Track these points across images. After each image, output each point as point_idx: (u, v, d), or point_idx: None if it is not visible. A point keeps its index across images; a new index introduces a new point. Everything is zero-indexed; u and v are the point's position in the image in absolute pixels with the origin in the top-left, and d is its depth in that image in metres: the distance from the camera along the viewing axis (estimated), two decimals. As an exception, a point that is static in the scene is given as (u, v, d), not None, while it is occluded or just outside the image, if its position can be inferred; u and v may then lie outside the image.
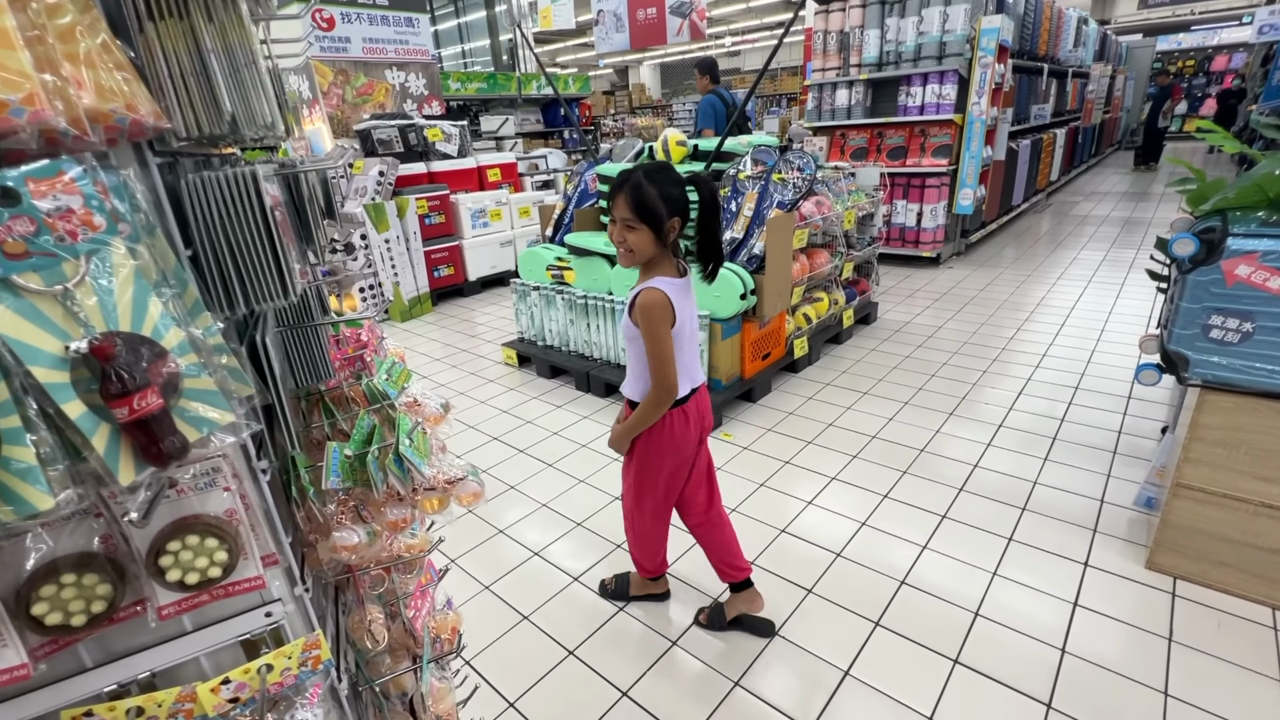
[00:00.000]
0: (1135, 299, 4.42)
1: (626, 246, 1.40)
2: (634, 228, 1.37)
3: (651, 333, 1.41)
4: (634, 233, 1.38)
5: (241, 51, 0.61)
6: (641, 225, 1.37)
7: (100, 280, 0.47)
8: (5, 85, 0.39)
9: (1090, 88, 9.71)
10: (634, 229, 1.37)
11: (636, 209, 1.35)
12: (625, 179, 1.37)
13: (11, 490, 0.44)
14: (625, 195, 1.36)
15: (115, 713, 0.66)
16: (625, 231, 1.38)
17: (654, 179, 1.36)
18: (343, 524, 0.78)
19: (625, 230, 1.38)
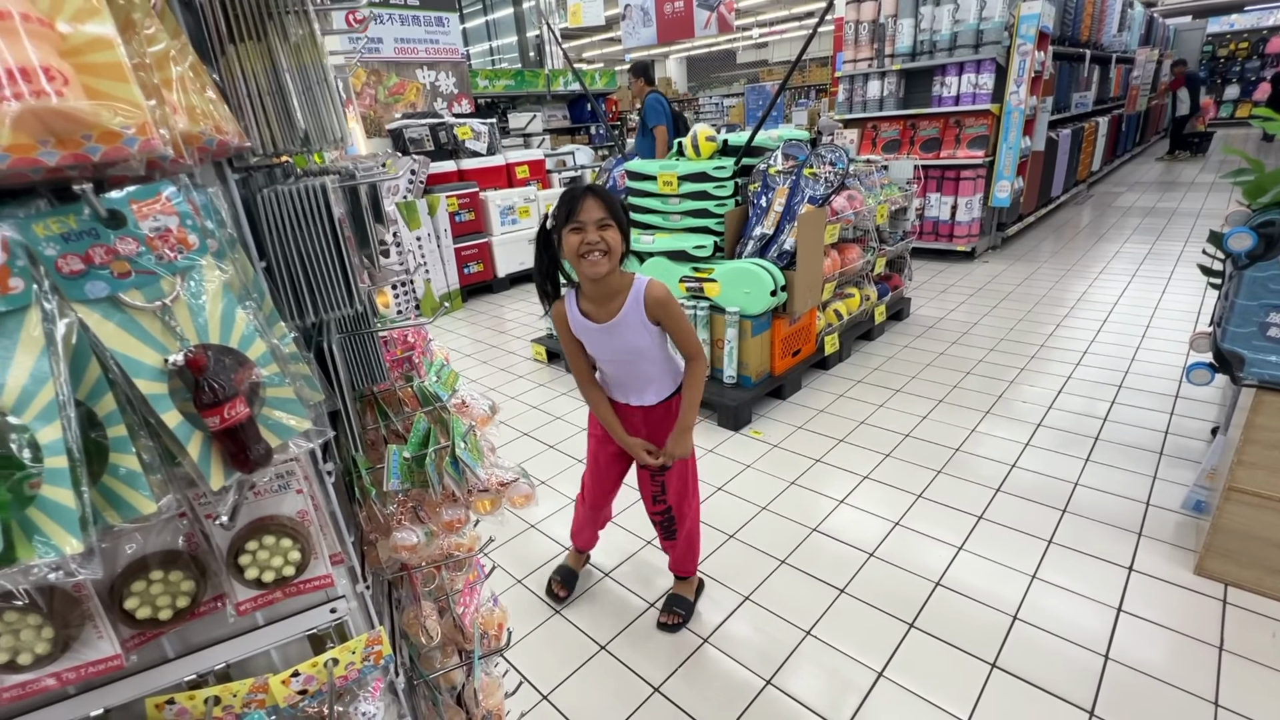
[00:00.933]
0: (1183, 294, 4.26)
1: (603, 248, 1.38)
2: (609, 225, 1.38)
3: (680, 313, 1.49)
4: (610, 230, 1.39)
5: (314, 69, 0.63)
6: (613, 222, 1.39)
7: (193, 295, 0.50)
8: (119, 115, 0.41)
9: (1135, 74, 9.35)
10: (609, 226, 1.38)
11: (608, 207, 1.38)
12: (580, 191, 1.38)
13: (118, 495, 0.47)
14: (592, 198, 1.37)
15: (195, 701, 0.70)
16: (602, 231, 1.38)
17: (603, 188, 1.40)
18: (402, 524, 0.81)
19: (602, 230, 1.38)
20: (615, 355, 1.56)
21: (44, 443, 0.43)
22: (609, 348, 1.54)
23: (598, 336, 1.52)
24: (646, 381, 1.61)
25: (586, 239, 1.38)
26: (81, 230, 0.45)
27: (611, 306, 1.49)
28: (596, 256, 1.38)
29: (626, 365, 1.59)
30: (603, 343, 1.54)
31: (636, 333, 1.50)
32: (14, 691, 0.57)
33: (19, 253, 0.43)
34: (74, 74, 0.40)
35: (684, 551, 1.86)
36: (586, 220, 1.37)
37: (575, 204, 1.38)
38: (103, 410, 0.47)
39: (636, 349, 1.53)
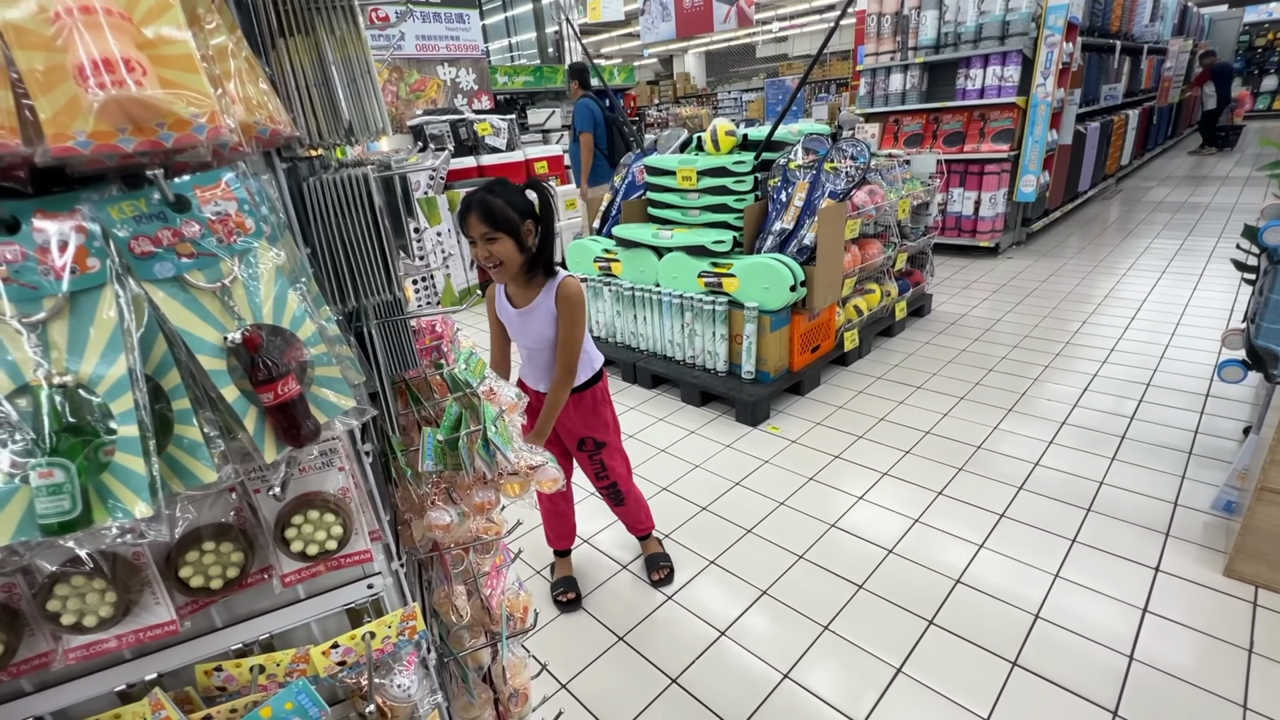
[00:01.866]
0: (1215, 291, 4.15)
1: (494, 260, 1.44)
2: (494, 238, 1.42)
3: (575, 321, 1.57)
4: (497, 242, 1.42)
5: (358, 62, 0.65)
6: (499, 234, 1.42)
7: (250, 277, 0.53)
8: (191, 104, 0.44)
9: (1167, 65, 9.10)
10: (494, 239, 1.42)
11: (490, 219, 1.40)
12: (469, 202, 1.42)
13: (181, 464, 0.50)
14: (473, 214, 1.40)
15: (241, 669, 0.73)
16: (489, 245, 1.42)
17: (495, 191, 1.42)
18: (436, 504, 0.84)
19: (489, 244, 1.42)
20: (527, 341, 1.65)
21: (117, 413, 0.46)
22: (523, 332, 1.64)
23: (514, 320, 1.63)
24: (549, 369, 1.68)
25: (479, 254, 1.45)
26: (151, 214, 0.48)
27: (529, 294, 1.59)
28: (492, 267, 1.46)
29: (537, 352, 1.67)
30: (517, 326, 1.64)
31: (545, 322, 1.58)
32: (79, 652, 0.61)
33: (96, 234, 0.46)
34: (150, 65, 0.43)
35: (635, 512, 2.03)
36: (473, 235, 1.43)
37: (463, 218, 1.42)
38: (168, 384, 0.50)
39: (545, 338, 1.61)
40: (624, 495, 1.97)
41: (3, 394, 0.44)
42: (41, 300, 0.45)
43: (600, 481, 1.94)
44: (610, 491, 1.96)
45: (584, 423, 1.81)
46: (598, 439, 1.85)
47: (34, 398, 0.44)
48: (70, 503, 0.44)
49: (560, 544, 2.07)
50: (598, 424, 1.83)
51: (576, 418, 1.80)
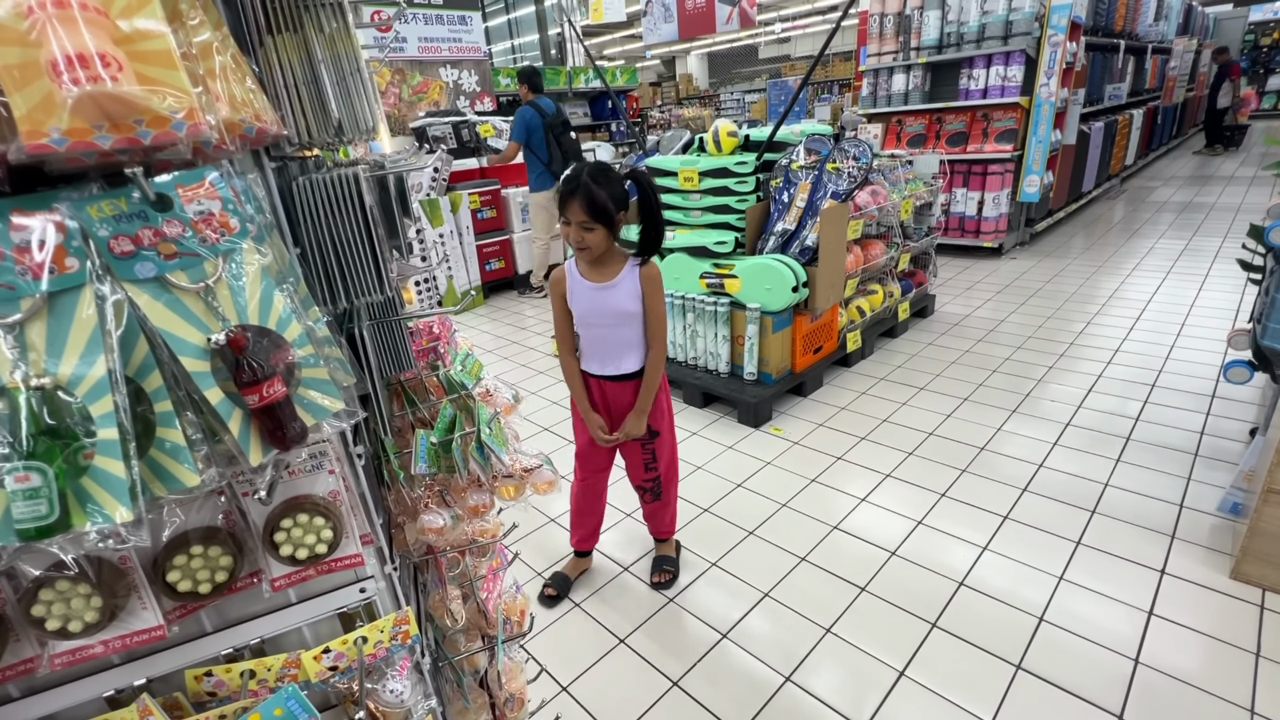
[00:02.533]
0: (1221, 291, 4.12)
1: (584, 246, 1.53)
2: (591, 228, 1.50)
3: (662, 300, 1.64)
4: (592, 232, 1.51)
5: (348, 60, 0.65)
6: (596, 225, 1.50)
7: (234, 277, 0.52)
8: (169, 101, 0.43)
9: (1172, 64, 9.05)
10: (591, 229, 1.50)
11: (592, 211, 1.47)
12: (575, 184, 1.47)
13: (163, 468, 0.49)
14: (578, 201, 1.47)
15: (231, 674, 0.72)
16: (584, 233, 1.50)
17: (599, 181, 1.47)
18: (429, 507, 0.83)
19: (584, 232, 1.50)
20: (603, 318, 1.66)
21: (96, 416, 0.45)
22: (595, 308, 1.64)
23: (587, 295, 1.64)
24: (627, 347, 1.70)
25: (570, 236, 1.53)
26: (131, 213, 0.47)
27: (607, 272, 1.62)
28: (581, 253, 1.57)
29: (611, 330, 1.68)
30: (595, 301, 1.64)
31: (628, 298, 1.63)
32: (65, 658, 0.60)
33: (75, 234, 0.45)
34: (127, 61, 0.42)
35: (666, 511, 2.01)
36: (572, 219, 1.51)
37: (565, 200, 1.50)
38: (150, 386, 0.49)
39: (624, 313, 1.64)
40: (663, 491, 1.95)
41: (-21, 396, 0.43)
42: (19, 301, 0.44)
43: (647, 473, 1.91)
44: (652, 485, 1.93)
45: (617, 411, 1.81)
46: (653, 427, 1.84)
47: (11, 400, 0.43)
48: (47, 507, 0.43)
49: (584, 545, 2.06)
50: (655, 411, 1.82)
51: (613, 404, 1.79)
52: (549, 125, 4.63)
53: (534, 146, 4.76)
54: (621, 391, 1.76)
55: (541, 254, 5.27)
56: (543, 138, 4.68)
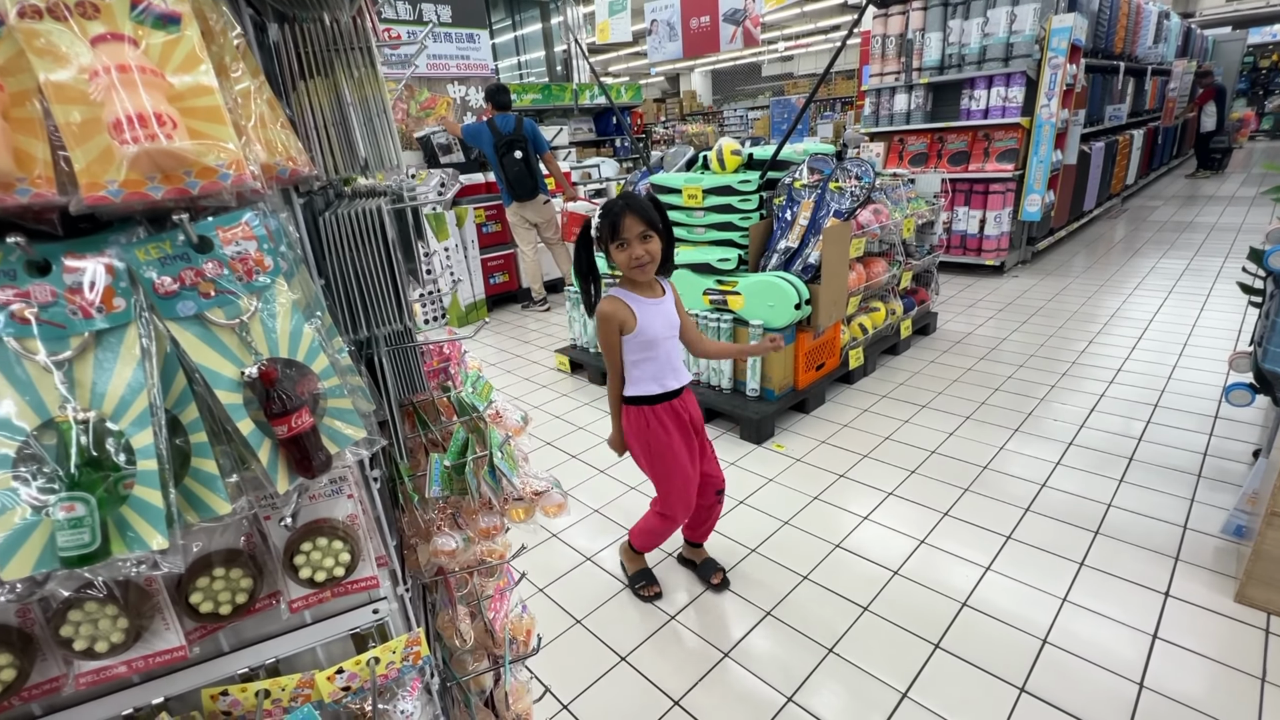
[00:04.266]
0: (1222, 312, 4.14)
1: (648, 258, 1.58)
2: (650, 237, 1.56)
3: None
4: (651, 240, 1.57)
5: (374, 101, 0.68)
6: (653, 232, 1.56)
7: (267, 313, 0.54)
8: (216, 154, 0.46)
9: (1171, 85, 9.14)
10: (650, 237, 1.57)
11: (646, 219, 1.54)
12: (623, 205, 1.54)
13: (197, 496, 0.51)
14: (630, 215, 1.53)
15: (247, 694, 0.74)
16: (645, 244, 1.56)
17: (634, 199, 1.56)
18: (441, 530, 0.85)
19: (644, 243, 1.56)
20: (668, 329, 1.71)
21: (138, 447, 0.48)
22: (664, 322, 1.69)
23: (655, 311, 1.68)
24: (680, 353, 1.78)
25: (634, 254, 1.56)
26: (175, 255, 0.50)
27: (655, 290, 1.71)
28: (644, 266, 1.59)
29: (675, 341, 1.75)
30: (658, 319, 1.68)
31: (674, 308, 1.72)
32: (89, 677, 0.62)
33: (122, 275, 0.47)
34: (180, 118, 0.45)
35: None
36: (630, 237, 1.55)
37: (618, 221, 1.55)
38: (186, 418, 0.51)
39: (677, 323, 1.73)
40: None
41: (30, 429, 0.46)
42: (69, 339, 0.47)
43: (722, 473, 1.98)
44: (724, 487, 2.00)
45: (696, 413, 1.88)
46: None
47: (59, 433, 0.46)
48: (90, 535, 0.45)
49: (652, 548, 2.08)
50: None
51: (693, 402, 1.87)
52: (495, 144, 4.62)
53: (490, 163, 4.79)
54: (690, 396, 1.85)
55: (532, 267, 5.30)
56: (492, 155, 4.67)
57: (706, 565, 2.09)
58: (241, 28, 0.56)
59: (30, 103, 0.43)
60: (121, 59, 0.43)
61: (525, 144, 4.67)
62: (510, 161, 4.65)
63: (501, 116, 4.71)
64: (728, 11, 6.03)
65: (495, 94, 4.80)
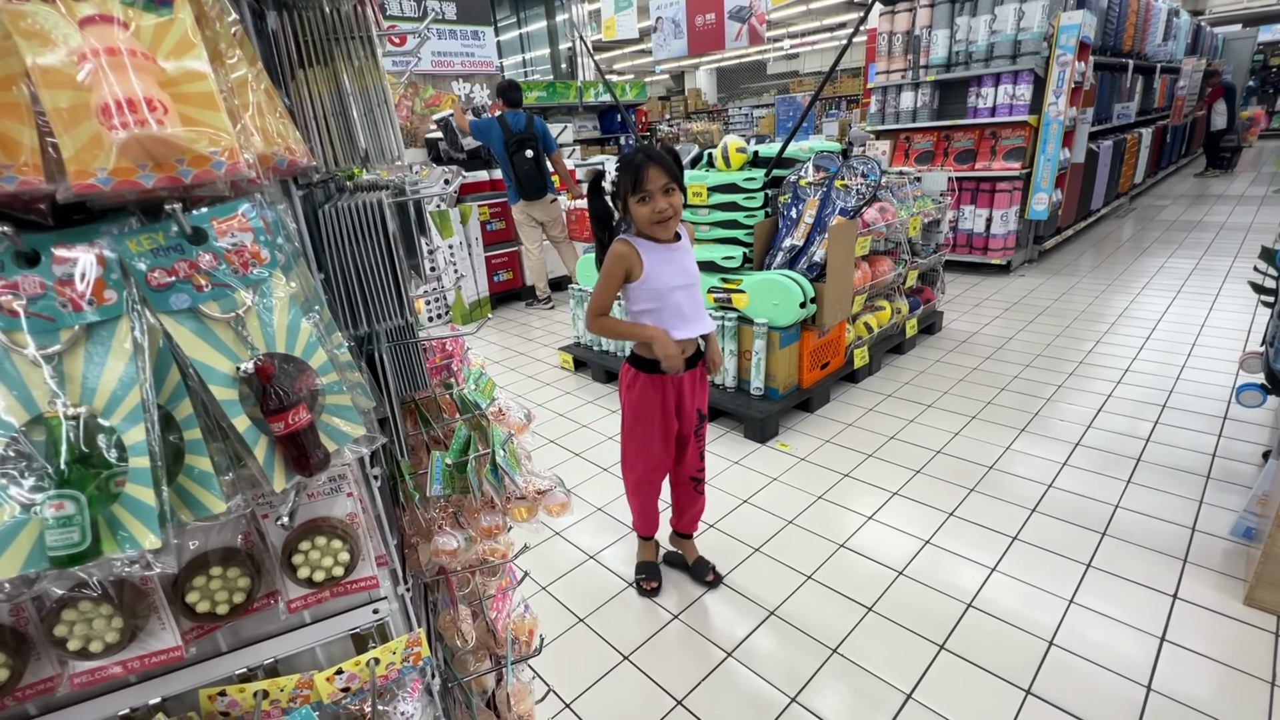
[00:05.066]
0: (1232, 311, 4.10)
1: (672, 210, 1.52)
2: (673, 190, 1.52)
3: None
4: (674, 194, 1.52)
5: (375, 92, 0.66)
6: (675, 186, 1.52)
7: (263, 307, 0.53)
8: (210, 141, 0.44)
9: (1181, 84, 9.07)
10: (673, 191, 1.52)
11: (669, 172, 1.49)
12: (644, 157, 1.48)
13: (191, 494, 0.50)
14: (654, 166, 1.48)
15: (245, 694, 0.73)
16: (668, 197, 1.51)
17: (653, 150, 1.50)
18: (443, 529, 0.83)
19: (668, 196, 1.51)
20: (683, 279, 1.65)
21: (129, 443, 0.46)
22: (679, 269, 1.63)
23: (667, 257, 1.62)
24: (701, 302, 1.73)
25: (656, 207, 1.50)
26: (169, 246, 0.48)
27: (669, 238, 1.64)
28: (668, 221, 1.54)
29: (691, 290, 1.68)
30: (673, 263, 1.63)
31: (691, 255, 1.67)
32: (84, 678, 0.61)
33: (114, 266, 0.46)
34: (172, 103, 0.44)
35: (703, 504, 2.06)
36: (653, 189, 1.49)
37: (640, 173, 1.48)
38: (180, 414, 0.50)
39: (695, 271, 1.67)
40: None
41: (18, 425, 0.44)
42: (58, 332, 0.46)
43: (701, 461, 1.95)
44: (702, 474, 1.98)
45: (701, 390, 1.85)
46: (702, 411, 1.88)
47: (48, 429, 0.44)
48: (80, 535, 0.44)
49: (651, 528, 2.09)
50: (706, 393, 1.87)
51: (700, 388, 1.83)
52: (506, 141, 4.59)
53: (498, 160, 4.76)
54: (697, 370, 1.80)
55: (537, 265, 5.29)
56: (501, 152, 4.64)
57: (698, 565, 2.07)
58: (239, 14, 0.54)
59: (17, 87, 0.42)
60: (111, 42, 0.42)
61: (536, 143, 4.64)
62: (520, 160, 4.62)
63: (513, 114, 4.68)
64: (733, 9, 6.00)
65: (507, 90, 4.77)
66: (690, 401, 1.82)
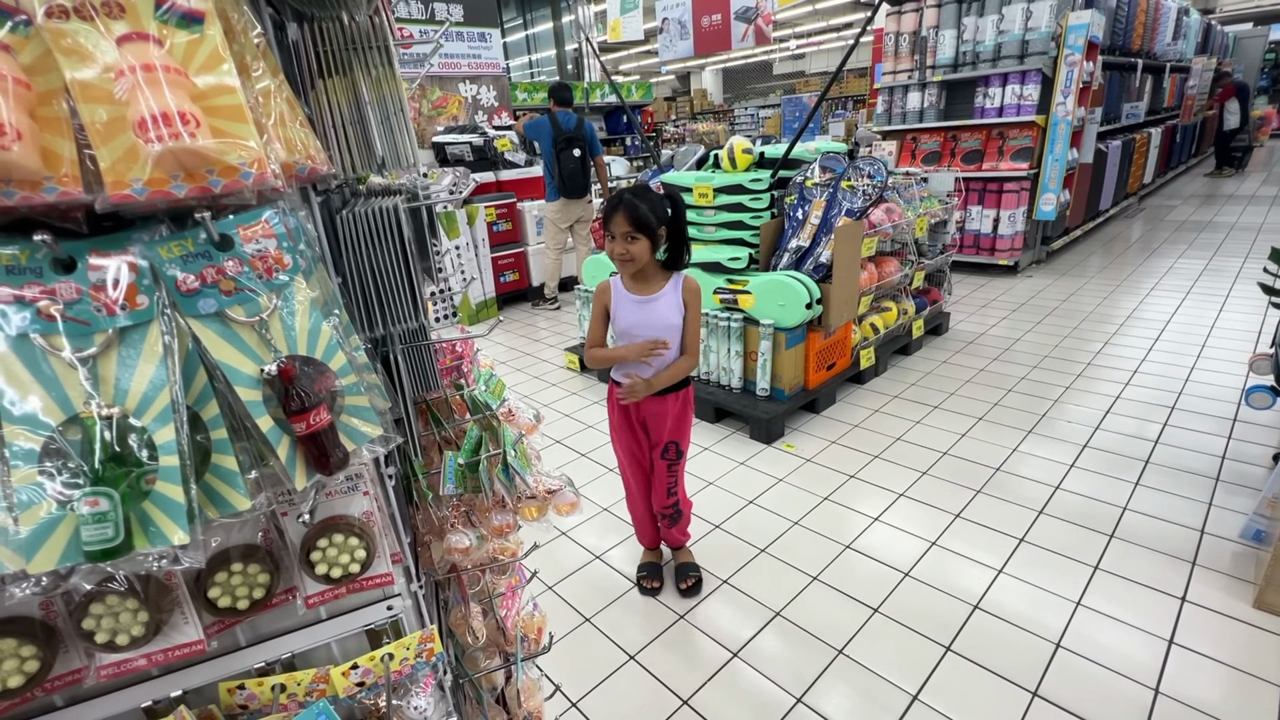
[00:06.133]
0: (1242, 313, 4.07)
1: (627, 258, 1.61)
2: (636, 238, 1.59)
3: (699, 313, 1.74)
4: (636, 242, 1.60)
5: (391, 100, 0.68)
6: (640, 235, 1.59)
7: (286, 311, 0.55)
8: (239, 153, 0.46)
9: (1191, 83, 9.00)
10: (635, 240, 1.59)
11: (635, 221, 1.57)
12: (618, 201, 1.58)
13: (217, 492, 0.52)
14: (621, 213, 1.57)
15: (263, 688, 0.74)
16: (629, 244, 1.60)
17: (640, 196, 1.58)
18: (455, 527, 0.85)
19: (629, 243, 1.60)
20: (646, 330, 1.72)
21: (160, 443, 0.48)
22: (640, 320, 1.71)
23: (633, 308, 1.72)
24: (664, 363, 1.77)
25: (615, 250, 1.62)
26: (197, 252, 0.50)
27: (650, 286, 1.72)
28: (624, 263, 1.63)
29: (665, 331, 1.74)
30: (635, 314, 1.72)
31: (671, 311, 1.71)
32: (110, 670, 0.62)
33: (146, 272, 0.48)
34: (203, 116, 0.45)
35: (683, 526, 2.09)
36: (615, 232, 1.60)
37: (609, 215, 1.60)
38: (207, 415, 0.52)
39: (667, 325, 1.71)
40: (680, 515, 2.03)
41: (55, 425, 0.46)
42: (93, 335, 0.47)
43: (669, 499, 1.96)
44: (672, 511, 1.99)
45: (676, 426, 1.86)
46: (680, 446, 1.89)
47: (84, 429, 0.46)
48: (114, 530, 0.46)
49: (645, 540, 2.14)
50: (683, 430, 1.88)
51: (671, 419, 1.84)
52: (555, 139, 4.70)
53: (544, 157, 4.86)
54: (662, 406, 1.82)
55: (553, 266, 5.34)
56: (549, 150, 4.76)
57: (680, 569, 2.08)
58: (261, 27, 0.56)
59: (57, 102, 0.44)
60: (146, 58, 0.44)
61: (584, 144, 4.77)
62: (567, 158, 4.73)
63: (564, 113, 4.79)
64: (739, 9, 6.00)
65: (559, 90, 4.90)
66: (658, 429, 1.85)
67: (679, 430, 1.86)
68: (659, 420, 1.84)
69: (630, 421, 1.86)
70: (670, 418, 1.83)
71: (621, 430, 1.89)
